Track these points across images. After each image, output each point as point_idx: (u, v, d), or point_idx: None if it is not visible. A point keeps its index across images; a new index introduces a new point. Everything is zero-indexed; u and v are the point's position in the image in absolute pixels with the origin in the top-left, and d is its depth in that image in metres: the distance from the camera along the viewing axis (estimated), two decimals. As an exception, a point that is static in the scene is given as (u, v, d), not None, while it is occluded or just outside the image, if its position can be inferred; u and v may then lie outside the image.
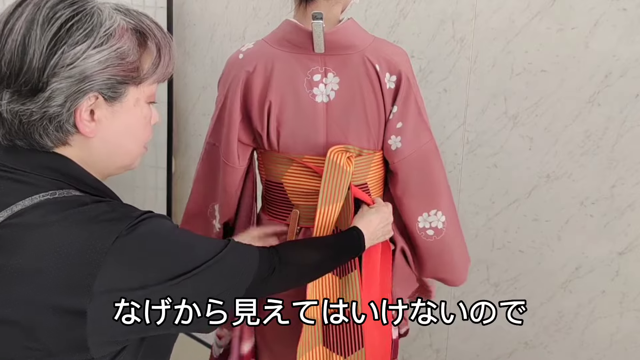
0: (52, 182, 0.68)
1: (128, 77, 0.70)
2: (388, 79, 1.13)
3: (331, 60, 1.11)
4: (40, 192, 0.66)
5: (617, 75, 1.47)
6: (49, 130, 0.67)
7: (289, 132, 1.14)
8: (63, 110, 0.66)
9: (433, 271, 1.28)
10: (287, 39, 1.12)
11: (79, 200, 0.67)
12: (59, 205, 0.65)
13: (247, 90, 1.14)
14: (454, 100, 1.71)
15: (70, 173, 0.70)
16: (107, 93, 0.69)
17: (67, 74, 0.65)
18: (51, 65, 0.64)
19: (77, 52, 0.65)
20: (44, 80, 0.64)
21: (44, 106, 0.65)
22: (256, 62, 1.13)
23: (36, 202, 0.65)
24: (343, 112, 1.13)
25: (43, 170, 0.68)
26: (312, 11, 1.07)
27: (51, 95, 0.65)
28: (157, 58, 0.74)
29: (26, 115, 0.66)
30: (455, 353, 1.89)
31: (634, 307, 1.57)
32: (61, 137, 0.69)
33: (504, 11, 1.59)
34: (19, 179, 0.67)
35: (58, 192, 0.67)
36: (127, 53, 0.69)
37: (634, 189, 1.51)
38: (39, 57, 0.64)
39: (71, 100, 0.66)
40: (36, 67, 0.64)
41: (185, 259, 0.70)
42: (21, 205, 0.64)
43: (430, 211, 1.20)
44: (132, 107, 0.73)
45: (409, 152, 1.16)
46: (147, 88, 0.74)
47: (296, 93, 1.12)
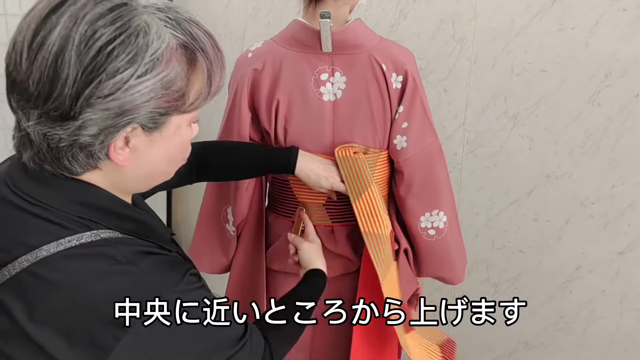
0: (78, 220, 0.61)
1: (172, 107, 0.61)
2: (394, 79, 1.14)
3: (338, 59, 1.13)
4: (66, 235, 0.59)
5: (617, 75, 1.47)
6: (78, 157, 0.60)
7: (296, 130, 1.16)
8: (96, 142, 0.58)
9: (432, 270, 1.28)
10: (296, 38, 1.14)
11: (110, 254, 0.60)
12: (88, 263, 0.59)
13: (255, 88, 1.15)
14: (454, 100, 1.72)
15: (98, 204, 0.63)
16: (147, 124, 0.60)
17: (104, 106, 0.56)
18: (86, 95, 0.55)
19: (118, 82, 0.55)
20: (77, 110, 0.56)
21: (74, 134, 0.57)
22: (264, 61, 1.14)
23: (62, 250, 0.58)
24: (349, 111, 1.15)
25: (70, 205, 0.61)
26: (320, 10, 1.08)
27: (83, 125, 0.57)
28: (208, 83, 0.64)
29: (55, 140, 0.58)
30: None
31: (634, 307, 1.57)
32: (91, 163, 0.61)
33: (504, 11, 1.59)
34: (43, 216, 0.60)
35: (85, 236, 0.60)
36: (174, 81, 0.59)
37: (634, 189, 1.51)
38: (72, 84, 0.55)
39: (105, 133, 0.58)
40: (68, 95, 0.55)
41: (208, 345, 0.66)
42: (46, 250, 0.58)
43: (433, 211, 1.21)
44: (173, 135, 0.64)
45: (414, 152, 1.17)
46: (193, 113, 0.66)
47: (304, 91, 1.14)
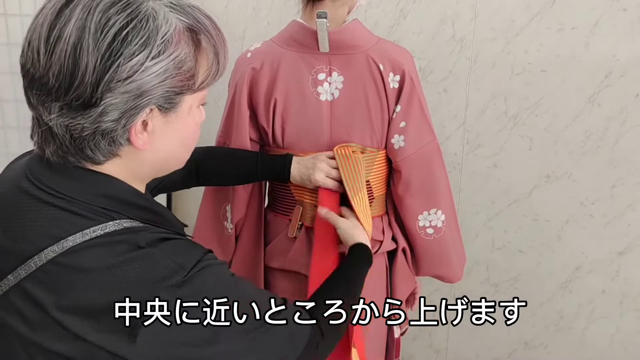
0: (102, 211, 0.63)
1: (185, 87, 0.64)
2: (392, 79, 1.15)
3: (336, 59, 1.14)
4: (91, 226, 0.61)
5: (617, 75, 1.47)
6: (100, 145, 0.62)
7: (293, 129, 1.17)
8: (118, 127, 0.61)
9: (430, 269, 1.29)
10: (294, 38, 1.15)
11: (132, 240, 0.62)
12: (112, 249, 0.61)
13: (253, 86, 1.16)
14: (454, 100, 1.72)
15: (119, 197, 0.65)
16: (163, 105, 0.63)
17: (123, 89, 0.59)
18: (106, 81, 0.58)
19: (134, 64, 0.58)
20: (98, 96, 0.58)
21: (96, 121, 0.60)
22: (263, 60, 1.15)
23: (87, 240, 0.60)
24: (347, 111, 1.15)
25: (92, 197, 0.63)
26: (317, 11, 1.09)
27: (104, 111, 0.59)
28: (216, 62, 0.68)
29: (77, 130, 0.60)
30: (455, 353, 1.90)
31: (634, 307, 1.57)
32: (113, 150, 0.64)
33: (504, 11, 1.59)
34: (67, 208, 0.62)
35: (109, 226, 0.62)
36: (184, 61, 0.62)
37: (634, 189, 1.51)
38: (92, 71, 0.57)
39: (127, 116, 0.61)
40: (89, 82, 0.57)
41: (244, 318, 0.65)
42: (72, 241, 0.60)
43: (431, 210, 1.21)
44: (186, 115, 0.67)
45: (412, 151, 1.17)
46: (202, 92, 0.69)
47: (301, 91, 1.15)
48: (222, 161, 1.18)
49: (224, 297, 0.64)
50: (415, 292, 1.33)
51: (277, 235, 1.25)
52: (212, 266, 0.66)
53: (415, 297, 1.33)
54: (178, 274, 0.61)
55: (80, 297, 0.59)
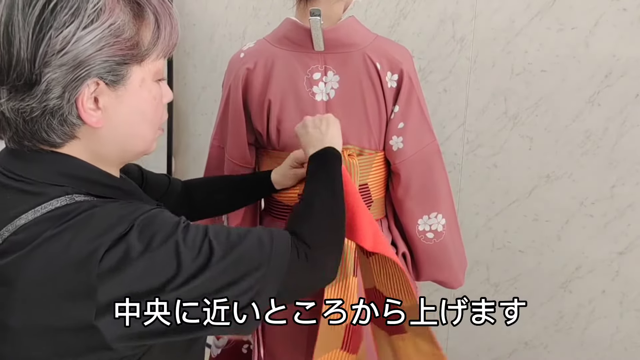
0: (59, 188, 0.62)
1: (127, 56, 0.62)
2: (389, 78, 1.11)
3: (331, 58, 1.10)
4: (43, 202, 0.61)
5: (617, 75, 1.47)
6: (53, 126, 0.61)
7: (288, 130, 1.13)
8: (63, 103, 0.60)
9: (431, 274, 1.26)
10: (288, 37, 1.11)
11: (78, 208, 0.61)
12: (56, 220, 0.60)
13: (248, 87, 1.13)
14: (454, 100, 1.71)
15: (77, 174, 0.64)
16: (107, 77, 0.61)
17: (59, 61, 0.58)
18: (41, 54, 0.57)
19: (66, 35, 0.57)
20: (37, 72, 0.57)
21: (42, 100, 0.59)
22: (256, 60, 1.12)
23: (38, 216, 0.60)
24: (343, 111, 1.12)
25: (51, 176, 0.63)
26: (310, 9, 1.06)
27: (48, 88, 0.58)
28: (156, 29, 0.65)
29: (27, 112, 0.60)
30: (455, 353, 1.89)
31: (634, 307, 1.57)
32: (67, 131, 0.62)
33: (504, 11, 1.59)
34: (25, 189, 0.62)
35: (60, 200, 0.61)
36: (123, 29, 0.61)
37: (634, 189, 1.51)
38: (25, 47, 0.57)
39: (69, 90, 0.59)
40: (25, 59, 0.57)
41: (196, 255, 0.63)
42: (24, 219, 0.60)
43: (431, 214, 1.18)
44: (138, 88, 0.65)
45: (411, 153, 1.14)
46: (152, 65, 0.66)
47: (296, 91, 1.11)
48: (206, 192, 1.12)
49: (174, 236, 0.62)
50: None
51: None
52: (161, 212, 0.64)
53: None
54: (121, 224, 0.60)
55: (33, 274, 0.58)
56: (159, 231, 0.62)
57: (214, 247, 0.64)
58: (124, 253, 0.58)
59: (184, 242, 0.62)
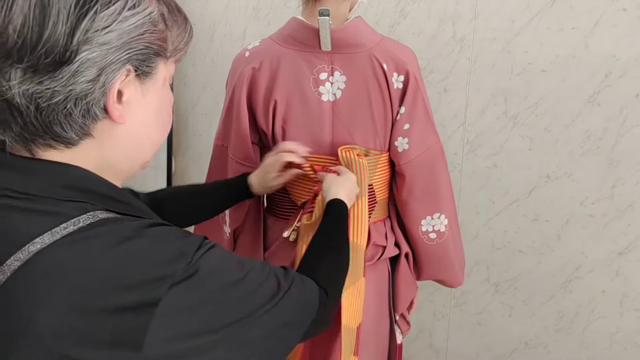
0: (72, 204, 0.54)
1: (160, 49, 0.59)
2: (395, 79, 1.11)
3: (338, 58, 1.10)
4: (61, 222, 0.52)
5: (617, 75, 1.47)
6: (73, 116, 0.53)
7: (294, 131, 1.13)
8: (95, 87, 0.53)
9: (432, 274, 1.26)
10: (294, 36, 1.11)
11: (115, 230, 0.54)
12: (90, 244, 0.52)
13: (253, 87, 1.12)
14: (454, 100, 1.71)
15: (90, 187, 0.57)
16: (141, 67, 0.57)
17: (102, 39, 0.52)
18: (82, 29, 0.50)
19: (113, 12, 0.52)
20: (73, 48, 0.50)
21: (69, 83, 0.51)
22: (262, 59, 1.11)
23: (58, 239, 0.51)
24: (349, 112, 1.11)
25: (58, 190, 0.55)
26: (319, 8, 1.05)
27: (79, 69, 0.51)
28: (184, 30, 0.63)
29: (45, 98, 0.51)
30: (455, 353, 1.89)
31: (634, 307, 1.57)
32: (85, 126, 0.55)
33: (504, 11, 1.59)
34: (31, 208, 0.53)
35: (82, 219, 0.53)
36: (157, 20, 0.57)
37: (634, 189, 1.51)
38: (65, 19, 0.50)
39: (106, 73, 0.53)
40: (62, 32, 0.50)
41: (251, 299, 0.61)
42: (40, 243, 0.51)
43: (434, 214, 1.18)
44: (161, 87, 0.62)
45: (416, 154, 1.14)
46: (171, 66, 0.63)
47: (302, 91, 1.11)
48: (181, 200, 1.08)
49: (232, 279, 0.59)
50: (414, 296, 1.31)
51: (276, 239, 1.21)
52: (213, 248, 0.60)
53: (413, 301, 1.31)
54: (179, 261, 0.54)
55: (62, 308, 0.49)
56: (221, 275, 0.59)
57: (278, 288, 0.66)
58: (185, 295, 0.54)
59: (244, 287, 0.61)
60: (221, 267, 0.59)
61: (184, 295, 0.53)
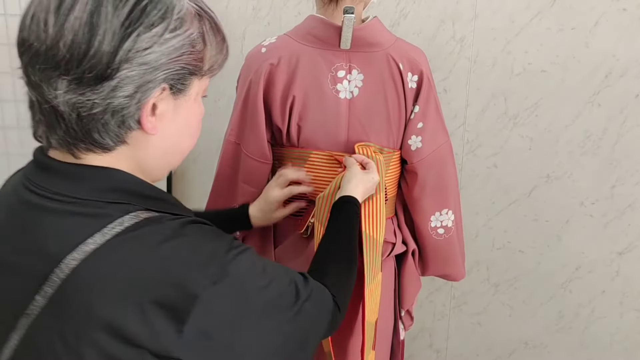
0: (115, 206, 0.60)
1: (196, 68, 0.63)
2: (410, 79, 1.13)
3: (356, 57, 1.11)
4: (108, 223, 0.58)
5: (617, 75, 1.48)
6: (110, 126, 0.58)
7: (310, 128, 1.13)
8: (131, 103, 0.58)
9: (438, 269, 1.28)
10: (313, 34, 1.12)
11: (157, 231, 0.59)
12: (139, 243, 0.58)
13: (270, 83, 1.12)
14: (454, 100, 1.71)
15: (129, 188, 0.62)
16: (176, 85, 0.61)
17: (142, 59, 0.56)
18: (124, 49, 0.55)
19: (154, 35, 0.56)
20: (114, 67, 0.55)
21: (108, 96, 0.56)
22: (280, 56, 1.11)
23: (109, 239, 0.57)
24: (366, 110, 1.13)
25: (101, 193, 0.60)
26: (343, 6, 1.08)
27: (118, 85, 0.56)
28: (221, 52, 0.67)
29: (85, 108, 0.56)
30: (455, 353, 1.89)
31: (634, 307, 1.57)
32: (121, 135, 0.60)
33: (504, 11, 1.59)
34: (78, 211, 0.58)
35: (126, 220, 0.59)
36: (196, 41, 0.62)
37: (634, 189, 1.51)
38: (110, 39, 0.54)
39: (142, 91, 0.58)
40: (106, 51, 0.54)
41: (271, 307, 0.65)
42: (92, 244, 0.56)
43: (442, 210, 1.21)
44: (193, 101, 0.66)
45: (428, 152, 1.16)
46: (205, 81, 0.67)
47: (320, 88, 1.11)
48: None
49: (260, 284, 0.64)
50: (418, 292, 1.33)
51: (286, 236, 1.20)
52: (244, 252, 0.64)
53: (415, 297, 1.33)
54: (213, 263, 0.60)
55: (119, 301, 0.56)
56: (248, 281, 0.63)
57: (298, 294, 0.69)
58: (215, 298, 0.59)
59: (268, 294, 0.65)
60: (248, 274, 0.63)
61: (215, 297, 0.58)
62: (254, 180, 1.18)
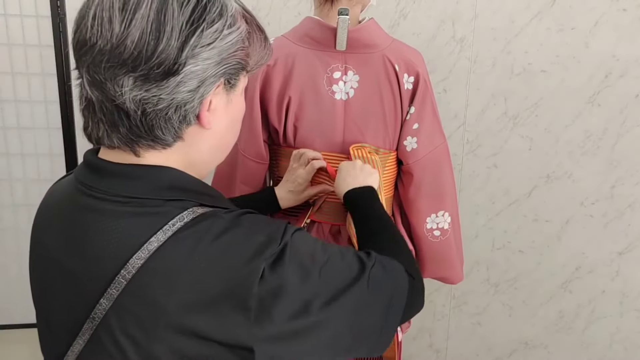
0: (172, 203, 0.61)
1: (246, 64, 0.65)
2: (406, 80, 1.14)
3: (352, 58, 1.12)
4: (168, 221, 0.59)
5: (617, 75, 1.48)
6: (172, 121, 0.60)
7: (306, 128, 1.14)
8: (195, 97, 0.60)
9: (434, 271, 1.28)
10: (310, 35, 1.13)
11: (214, 224, 0.61)
12: (199, 237, 0.59)
13: (267, 83, 1.14)
14: (454, 100, 1.72)
15: (183, 186, 0.64)
16: (231, 80, 0.64)
17: (206, 54, 0.58)
18: (191, 45, 0.57)
19: (215, 31, 0.59)
20: (181, 62, 0.57)
21: (173, 92, 0.58)
22: (276, 57, 1.13)
23: (171, 236, 0.59)
24: (361, 111, 1.14)
25: (158, 192, 0.61)
26: (338, 8, 1.08)
27: (183, 80, 0.58)
28: (265, 48, 0.69)
29: (151, 104, 0.58)
30: (455, 353, 1.90)
31: (634, 307, 1.57)
32: (179, 130, 0.62)
33: (504, 11, 1.59)
34: (138, 212, 0.60)
35: (185, 216, 0.60)
36: (246, 37, 0.64)
37: (634, 189, 1.51)
38: (177, 35, 0.57)
39: (206, 85, 0.60)
40: (174, 47, 0.56)
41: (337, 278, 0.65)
42: (156, 242, 0.58)
43: (438, 212, 1.21)
44: (240, 96, 0.68)
45: (424, 153, 1.17)
46: (247, 78, 0.69)
47: (316, 89, 1.13)
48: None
49: (322, 259, 0.64)
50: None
51: None
52: (297, 232, 0.66)
53: None
54: (271, 245, 0.61)
55: (186, 296, 0.57)
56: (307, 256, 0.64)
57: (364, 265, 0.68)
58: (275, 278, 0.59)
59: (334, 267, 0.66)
60: (306, 249, 0.64)
61: (278, 278, 0.59)
62: (250, 180, 1.19)
